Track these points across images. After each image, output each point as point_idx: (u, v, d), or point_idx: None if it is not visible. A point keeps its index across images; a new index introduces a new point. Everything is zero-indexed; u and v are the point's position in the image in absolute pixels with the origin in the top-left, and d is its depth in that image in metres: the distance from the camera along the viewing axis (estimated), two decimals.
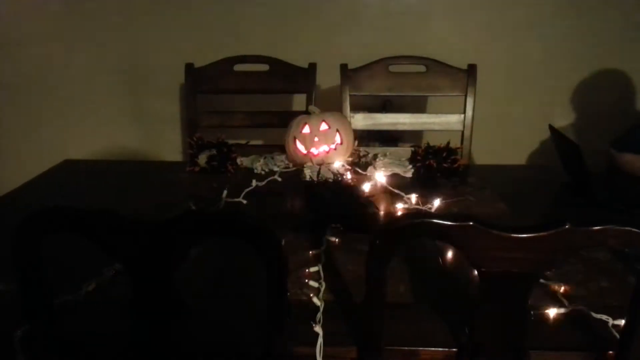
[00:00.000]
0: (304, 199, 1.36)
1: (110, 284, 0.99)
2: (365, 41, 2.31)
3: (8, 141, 2.50)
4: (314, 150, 1.60)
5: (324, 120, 1.61)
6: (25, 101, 2.45)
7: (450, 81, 1.88)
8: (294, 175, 1.61)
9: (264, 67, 1.96)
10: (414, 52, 1.92)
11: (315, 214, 1.28)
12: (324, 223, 1.24)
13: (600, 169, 1.83)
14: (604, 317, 0.90)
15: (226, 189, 1.44)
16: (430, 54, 1.91)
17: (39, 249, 0.74)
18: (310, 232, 1.22)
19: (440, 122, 1.90)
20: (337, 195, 1.30)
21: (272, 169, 1.66)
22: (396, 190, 1.47)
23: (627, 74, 2.33)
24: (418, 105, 2.28)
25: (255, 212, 1.36)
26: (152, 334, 0.79)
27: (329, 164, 1.60)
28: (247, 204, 1.41)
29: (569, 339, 0.87)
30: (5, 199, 1.45)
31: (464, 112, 1.87)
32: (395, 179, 1.59)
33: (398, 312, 0.90)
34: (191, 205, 1.36)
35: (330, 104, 1.87)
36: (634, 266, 1.05)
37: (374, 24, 2.33)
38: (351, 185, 1.39)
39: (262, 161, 1.69)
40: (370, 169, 1.62)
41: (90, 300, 0.95)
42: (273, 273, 0.73)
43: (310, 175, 1.54)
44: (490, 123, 2.25)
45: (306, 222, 1.27)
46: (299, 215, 1.34)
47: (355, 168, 1.63)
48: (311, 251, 1.13)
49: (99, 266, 1.01)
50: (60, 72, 2.41)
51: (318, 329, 0.85)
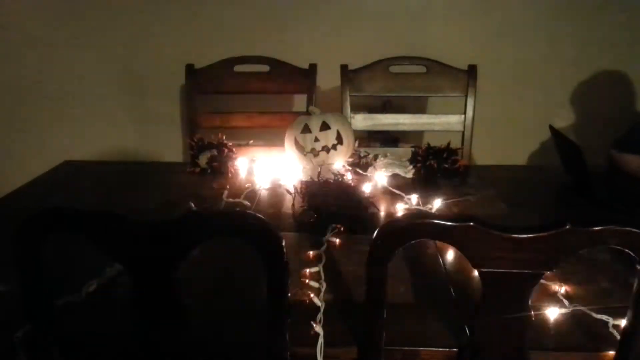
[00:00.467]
0: (304, 199, 1.36)
1: (111, 285, 0.99)
2: (366, 42, 2.31)
3: (8, 142, 2.50)
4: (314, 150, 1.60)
5: (324, 121, 1.60)
6: (26, 102, 2.45)
7: (450, 82, 1.88)
8: (294, 176, 1.60)
9: (265, 68, 1.96)
10: (414, 53, 1.92)
11: (315, 215, 1.28)
12: (324, 223, 1.24)
13: (600, 169, 1.83)
14: (605, 318, 0.90)
15: (227, 189, 1.44)
16: (430, 54, 1.91)
17: (40, 250, 0.74)
18: (311, 233, 1.22)
19: (440, 123, 1.90)
20: (338, 195, 1.30)
21: (273, 169, 1.65)
22: (397, 191, 1.47)
23: (628, 74, 2.33)
24: (418, 106, 2.28)
25: (256, 213, 1.36)
26: (153, 334, 0.79)
27: (329, 164, 1.60)
28: (248, 205, 1.41)
29: (570, 339, 0.87)
30: (6, 200, 1.45)
31: (465, 113, 1.87)
32: (395, 179, 1.59)
33: (398, 312, 0.90)
34: (192, 205, 1.36)
35: (330, 105, 1.87)
36: (635, 266, 1.05)
37: (374, 25, 2.33)
38: (352, 186, 1.39)
39: (263, 162, 1.69)
40: (370, 170, 1.62)
41: (91, 300, 0.95)
42: (274, 273, 0.73)
43: (310, 176, 1.54)
44: (491, 123, 2.25)
45: (307, 223, 1.28)
46: (299, 215, 1.34)
47: (356, 169, 1.63)
48: (312, 251, 1.13)
49: (100, 267, 1.01)
50: (60, 73, 2.41)
51: (319, 329, 0.86)
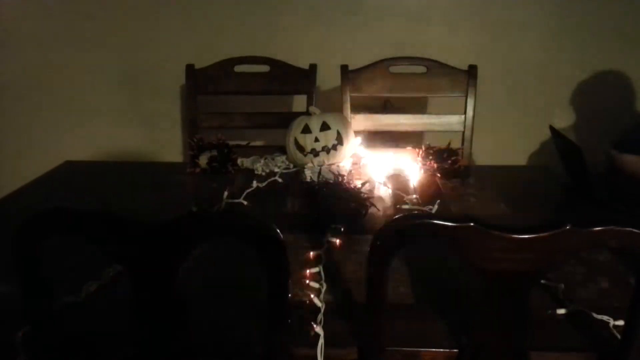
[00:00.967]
0: (304, 200, 1.36)
1: (111, 285, 0.99)
2: (366, 42, 2.31)
3: (8, 142, 2.50)
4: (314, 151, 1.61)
5: (324, 121, 1.61)
6: (26, 102, 2.45)
7: (450, 82, 1.88)
8: (294, 176, 1.61)
9: (265, 68, 1.96)
10: (414, 53, 1.92)
11: (315, 215, 1.28)
12: (324, 224, 1.24)
13: (600, 169, 1.83)
14: (605, 318, 0.89)
15: (227, 189, 1.44)
16: (430, 54, 1.91)
17: (40, 250, 0.74)
18: (311, 233, 1.22)
19: (440, 123, 1.90)
20: (338, 196, 1.30)
21: (273, 169, 1.65)
22: (397, 191, 1.47)
23: (628, 74, 2.32)
24: (418, 106, 2.28)
25: (256, 213, 1.36)
26: (153, 335, 0.79)
27: (329, 164, 1.60)
28: (248, 205, 1.41)
29: (570, 339, 0.87)
30: (6, 200, 1.45)
31: (465, 113, 1.87)
32: (395, 179, 1.59)
33: (399, 313, 0.90)
34: (192, 206, 1.36)
35: (331, 105, 1.87)
36: (635, 266, 1.05)
37: (374, 25, 2.33)
38: (351, 186, 1.39)
39: (263, 162, 1.69)
40: (370, 170, 1.62)
41: (90, 301, 0.95)
42: (274, 274, 0.73)
43: (310, 176, 1.54)
44: (491, 124, 2.25)
45: (307, 223, 1.27)
46: (299, 216, 1.34)
47: (356, 169, 1.63)
48: (312, 252, 1.13)
49: (100, 267, 1.01)
50: (60, 74, 2.40)
51: (319, 329, 0.85)
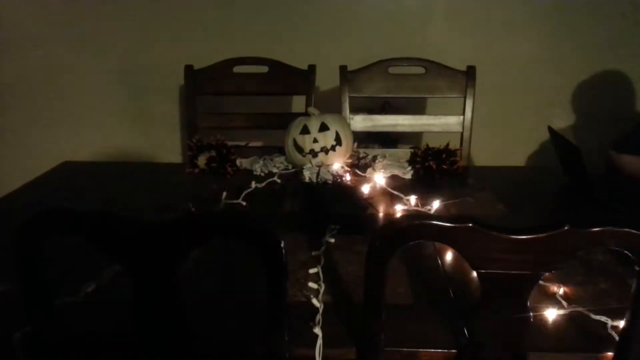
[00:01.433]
0: (303, 200, 1.36)
1: (110, 285, 0.99)
2: (365, 43, 2.31)
3: (8, 142, 2.50)
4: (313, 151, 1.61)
5: (323, 122, 1.61)
6: (25, 102, 2.45)
7: (449, 83, 1.89)
8: (293, 177, 1.61)
9: (264, 69, 1.96)
10: (413, 54, 1.92)
11: (314, 216, 1.28)
12: (323, 224, 1.24)
13: (599, 170, 1.84)
14: (603, 319, 0.90)
15: (225, 190, 1.44)
16: (429, 55, 1.91)
17: (40, 250, 0.74)
18: (310, 234, 1.22)
19: (439, 124, 1.90)
20: (337, 196, 1.30)
21: (272, 170, 1.66)
22: (395, 192, 1.47)
23: (627, 74, 2.33)
24: (417, 107, 2.28)
25: (255, 214, 1.36)
26: (152, 335, 0.79)
27: (328, 165, 1.60)
28: (247, 206, 1.41)
29: (568, 340, 0.87)
30: (5, 200, 1.44)
31: (463, 114, 1.87)
32: (394, 180, 1.59)
33: (397, 313, 0.90)
34: (190, 206, 1.36)
35: (329, 106, 1.87)
36: (634, 267, 1.05)
37: (373, 26, 2.33)
38: (350, 187, 1.40)
39: (262, 163, 1.69)
40: (369, 171, 1.62)
41: (90, 301, 0.95)
42: (273, 274, 0.73)
43: (309, 177, 1.54)
44: (490, 124, 2.25)
45: (305, 224, 1.28)
46: (298, 216, 1.34)
47: (355, 169, 1.63)
48: (310, 252, 1.13)
49: (99, 267, 1.01)
50: (59, 74, 2.41)
51: (317, 330, 0.85)
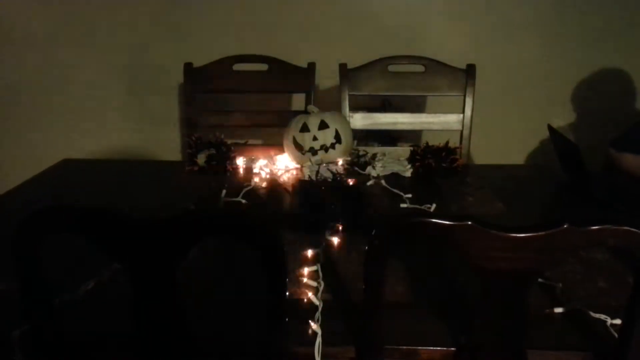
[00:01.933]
0: (302, 198, 1.36)
1: (109, 284, 0.98)
2: (365, 41, 2.31)
3: (7, 140, 2.50)
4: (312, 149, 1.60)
5: (323, 120, 1.60)
6: (25, 101, 2.45)
7: (449, 81, 1.88)
8: (292, 175, 1.61)
9: (263, 67, 1.96)
10: (413, 52, 1.92)
11: (314, 214, 1.28)
12: (322, 222, 1.24)
13: (598, 168, 1.84)
14: (603, 317, 0.90)
15: (225, 188, 1.44)
16: (429, 53, 1.91)
17: (39, 249, 0.74)
18: (309, 232, 1.22)
19: (439, 122, 1.90)
20: (336, 194, 1.30)
21: (272, 168, 1.65)
22: (395, 190, 1.47)
23: (626, 73, 2.33)
24: (417, 105, 2.28)
25: (254, 212, 1.36)
26: (151, 334, 0.79)
27: (328, 163, 1.60)
28: (246, 204, 1.41)
29: (568, 338, 0.87)
30: (4, 198, 1.44)
31: (463, 112, 1.87)
32: (394, 178, 1.59)
33: (396, 312, 0.90)
34: (190, 204, 1.36)
35: (329, 104, 1.87)
36: (633, 265, 1.05)
37: (373, 24, 2.33)
38: (350, 185, 1.39)
39: (262, 161, 1.69)
40: (369, 169, 1.62)
41: (89, 299, 0.95)
42: (272, 272, 0.73)
43: (309, 175, 1.54)
44: (489, 123, 2.25)
45: (305, 222, 1.27)
46: (297, 214, 1.34)
47: (354, 168, 1.63)
48: (310, 250, 1.13)
49: (98, 265, 1.01)
50: (59, 72, 2.40)
51: (317, 328, 0.86)
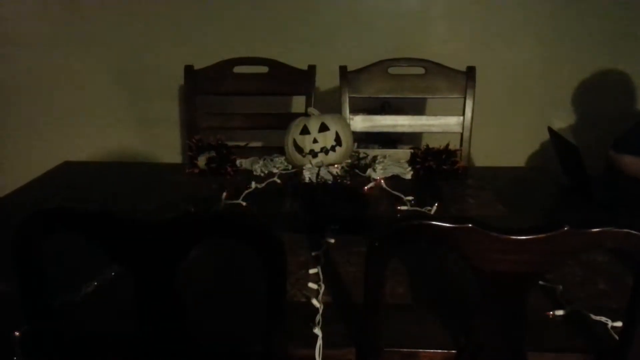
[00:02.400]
0: (303, 201, 1.36)
1: (110, 285, 0.98)
2: (365, 43, 2.31)
3: (8, 142, 2.50)
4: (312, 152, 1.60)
5: (323, 122, 1.61)
6: (25, 103, 2.45)
7: (449, 83, 1.89)
8: (293, 177, 1.61)
9: (264, 69, 1.96)
10: (413, 54, 1.92)
11: (314, 216, 1.28)
12: (323, 225, 1.24)
13: (599, 170, 1.84)
14: (603, 319, 0.90)
15: (225, 190, 1.44)
16: (429, 56, 1.91)
17: (39, 250, 0.74)
18: (310, 234, 1.22)
19: (439, 124, 1.90)
20: (336, 197, 1.30)
21: (272, 170, 1.66)
22: (395, 192, 1.47)
23: (626, 75, 2.33)
24: (417, 107, 2.28)
25: (255, 214, 1.36)
26: (152, 335, 0.79)
27: (328, 165, 1.60)
28: (247, 206, 1.41)
29: (568, 340, 0.87)
30: (5, 200, 1.45)
31: (463, 114, 1.87)
32: (394, 180, 1.59)
33: (397, 314, 0.90)
34: (190, 206, 1.36)
35: (329, 106, 1.87)
36: (633, 268, 1.05)
37: (373, 26, 2.33)
38: (350, 187, 1.39)
39: (262, 163, 1.69)
40: (369, 171, 1.62)
41: (89, 300, 0.95)
42: (273, 274, 0.73)
43: (309, 177, 1.54)
44: (489, 125, 2.25)
45: (305, 224, 1.28)
46: (298, 217, 1.34)
47: (355, 170, 1.63)
48: (310, 253, 1.13)
49: (99, 266, 1.01)
50: (60, 74, 2.41)
51: (317, 330, 0.85)
